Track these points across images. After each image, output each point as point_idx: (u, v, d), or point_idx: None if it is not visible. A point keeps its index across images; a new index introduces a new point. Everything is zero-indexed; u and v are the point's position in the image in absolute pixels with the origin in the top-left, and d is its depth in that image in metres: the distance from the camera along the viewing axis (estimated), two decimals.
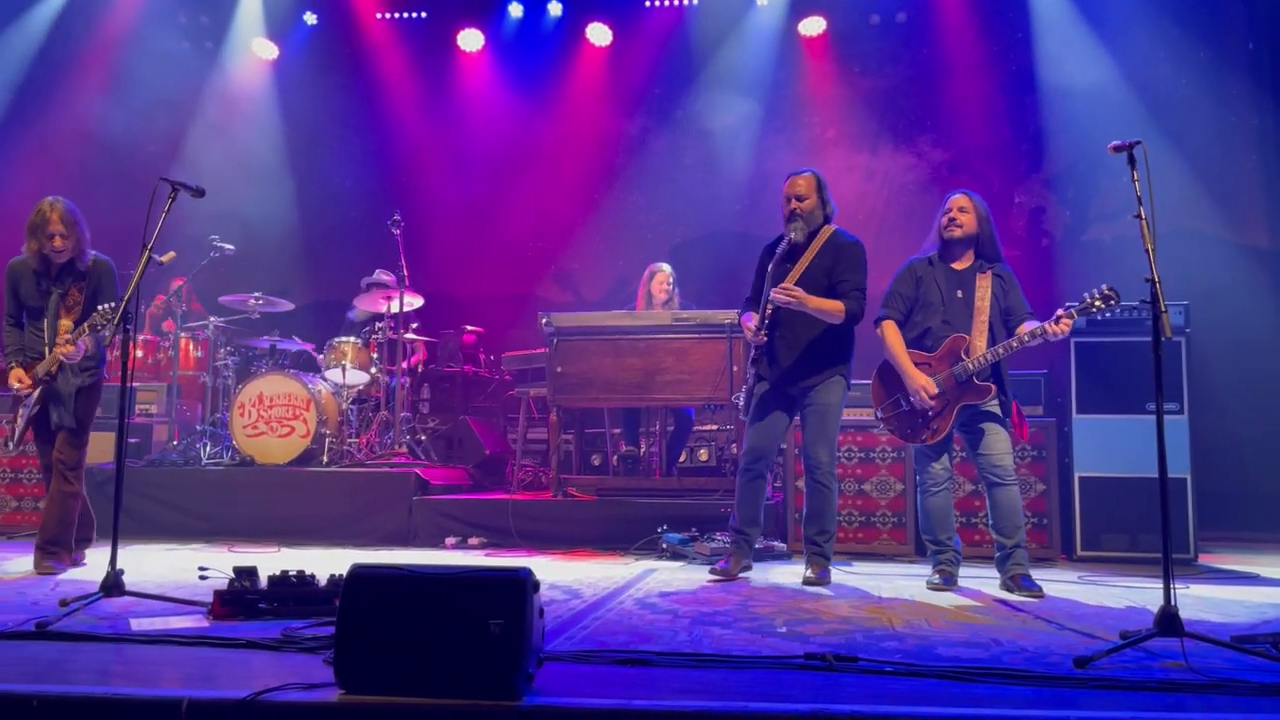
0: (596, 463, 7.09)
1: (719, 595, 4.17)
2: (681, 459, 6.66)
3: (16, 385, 4.67)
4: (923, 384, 4.34)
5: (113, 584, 3.69)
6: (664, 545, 5.46)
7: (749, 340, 4.66)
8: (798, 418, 4.71)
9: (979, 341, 4.34)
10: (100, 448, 6.60)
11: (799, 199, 4.60)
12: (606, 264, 9.25)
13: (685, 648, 3.03)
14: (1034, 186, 8.47)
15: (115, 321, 3.95)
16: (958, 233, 4.46)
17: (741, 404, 4.78)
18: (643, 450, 6.85)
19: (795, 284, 4.47)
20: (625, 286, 8.47)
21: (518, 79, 9.42)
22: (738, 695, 2.43)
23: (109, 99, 8.86)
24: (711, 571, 4.66)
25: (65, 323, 4.63)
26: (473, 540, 6.00)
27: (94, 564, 4.76)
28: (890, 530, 5.69)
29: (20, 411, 4.74)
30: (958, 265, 4.52)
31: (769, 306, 4.51)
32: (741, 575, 4.70)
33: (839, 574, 4.81)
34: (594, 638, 3.21)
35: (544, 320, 6.27)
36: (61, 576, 4.51)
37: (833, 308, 4.45)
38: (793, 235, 4.58)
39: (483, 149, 9.32)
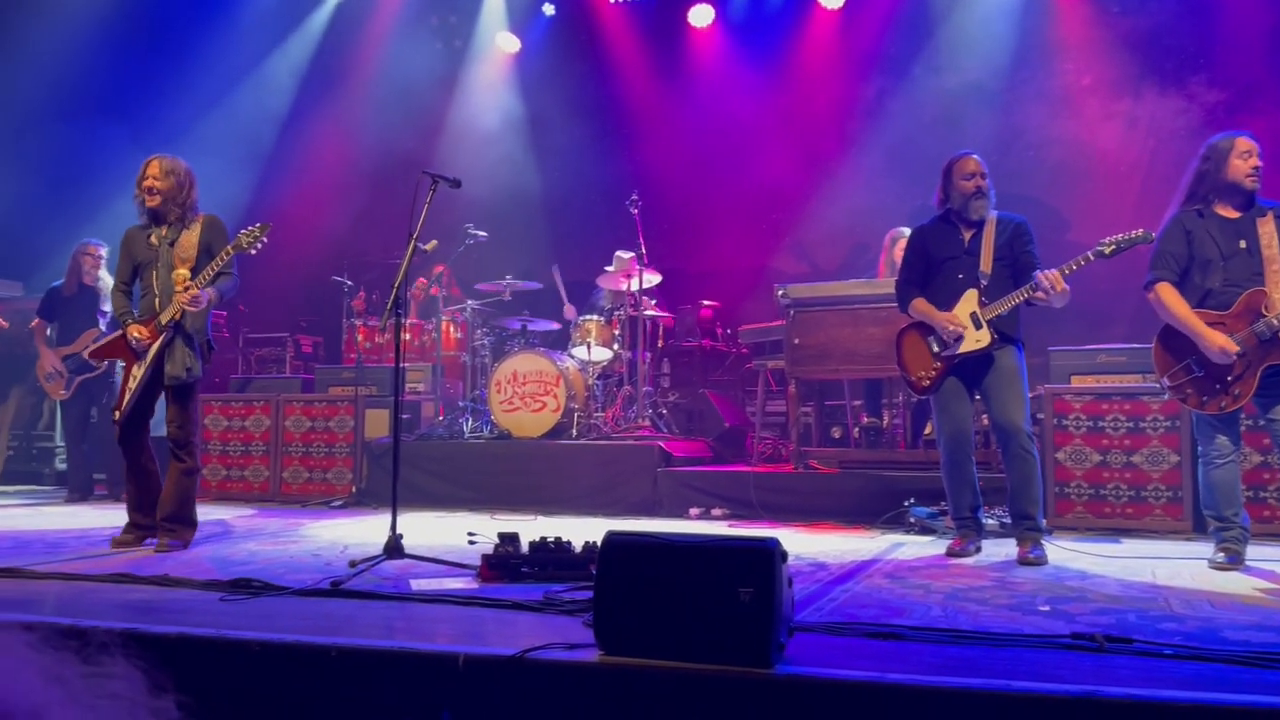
0: (837, 435, 7.00)
1: (973, 571, 4.03)
2: (926, 430, 6.44)
3: (136, 337, 4.55)
4: (1222, 344, 3.94)
5: (394, 547, 4.05)
6: (911, 519, 5.32)
7: (945, 336, 4.41)
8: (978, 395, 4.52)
9: (1277, 294, 3.93)
10: (377, 423, 7.24)
11: (983, 175, 4.50)
12: (843, 232, 9.06)
13: (940, 623, 2.95)
14: None
15: (389, 307, 4.27)
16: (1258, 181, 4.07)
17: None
18: (885, 422, 6.69)
19: (992, 263, 4.40)
20: (863, 255, 8.28)
21: (749, 50, 9.40)
22: (999, 674, 2.33)
23: (373, 100, 9.65)
24: (947, 552, 4.50)
25: (182, 272, 4.54)
26: (716, 511, 6.09)
27: (376, 528, 5.19)
28: (1164, 505, 5.27)
29: (131, 379, 4.60)
30: (1231, 214, 4.10)
31: (1017, 300, 4.31)
32: (979, 553, 4.52)
33: (1107, 550, 4.52)
34: (843, 610, 3.18)
35: (780, 292, 6.24)
36: (350, 541, 4.94)
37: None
38: (980, 213, 4.49)
39: (715, 123, 9.37)
